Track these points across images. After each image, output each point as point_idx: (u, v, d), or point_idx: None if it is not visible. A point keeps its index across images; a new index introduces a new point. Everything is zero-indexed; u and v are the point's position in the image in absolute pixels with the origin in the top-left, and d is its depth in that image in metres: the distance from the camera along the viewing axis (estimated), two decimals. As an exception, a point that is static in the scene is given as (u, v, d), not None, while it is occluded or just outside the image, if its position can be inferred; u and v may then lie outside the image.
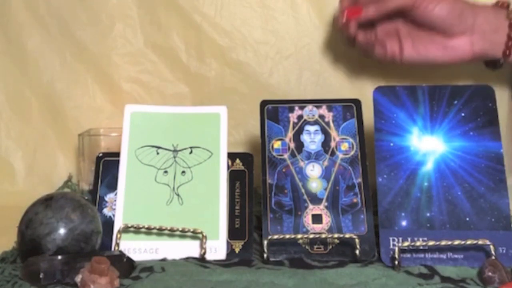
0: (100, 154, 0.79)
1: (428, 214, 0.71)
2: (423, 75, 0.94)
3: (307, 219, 0.74)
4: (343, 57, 0.96)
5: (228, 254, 0.72)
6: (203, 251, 0.71)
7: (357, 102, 0.79)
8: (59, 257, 0.64)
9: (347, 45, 0.88)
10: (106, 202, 0.77)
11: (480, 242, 0.68)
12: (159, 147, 0.77)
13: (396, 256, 0.67)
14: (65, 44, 0.97)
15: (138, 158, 0.77)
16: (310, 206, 0.74)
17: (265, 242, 0.71)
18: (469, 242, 0.68)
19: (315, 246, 0.72)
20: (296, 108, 0.79)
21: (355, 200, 0.75)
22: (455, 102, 0.75)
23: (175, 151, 0.77)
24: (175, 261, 0.70)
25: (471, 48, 0.81)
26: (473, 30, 0.80)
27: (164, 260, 0.70)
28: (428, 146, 0.74)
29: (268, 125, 0.79)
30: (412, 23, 0.83)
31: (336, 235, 0.72)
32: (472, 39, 0.80)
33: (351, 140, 0.78)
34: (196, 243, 0.72)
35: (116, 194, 0.75)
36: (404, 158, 0.73)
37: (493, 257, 0.67)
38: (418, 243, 0.68)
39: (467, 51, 0.81)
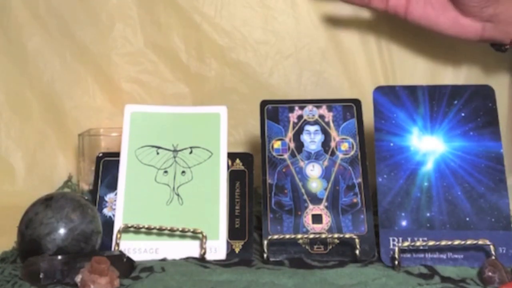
0: (100, 154, 0.79)
1: (428, 214, 0.71)
2: (423, 75, 0.94)
3: (307, 219, 0.74)
4: (343, 57, 0.96)
5: (228, 254, 0.72)
6: (203, 251, 0.71)
7: (357, 102, 0.79)
8: (59, 257, 0.64)
9: None
10: (106, 202, 0.77)
11: (480, 242, 0.68)
12: (159, 147, 0.77)
13: (396, 256, 0.67)
14: (65, 44, 0.97)
15: (138, 158, 0.77)
16: (310, 206, 0.74)
17: (265, 242, 0.71)
18: (469, 242, 0.68)
19: (315, 246, 0.72)
20: (296, 108, 0.79)
21: (355, 200, 0.75)
22: (455, 102, 0.75)
23: (175, 151, 0.77)
24: (175, 261, 0.70)
25: (481, 33, 0.80)
26: (490, 18, 0.79)
27: (164, 260, 0.70)
28: (428, 146, 0.74)
29: (268, 125, 0.79)
30: None
31: (336, 235, 0.72)
32: (485, 25, 0.80)
33: (351, 140, 0.78)
34: (196, 243, 0.72)
35: (116, 194, 0.75)
36: (404, 158, 0.73)
37: (493, 257, 0.67)
38: (418, 243, 0.68)
39: (476, 34, 0.81)
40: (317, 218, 0.74)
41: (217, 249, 0.72)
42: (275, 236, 0.71)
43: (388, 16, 0.86)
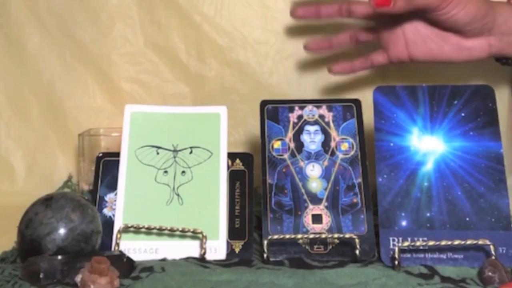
0: (100, 154, 0.79)
1: (428, 214, 0.71)
2: (423, 75, 0.94)
3: (307, 219, 0.74)
4: (343, 57, 0.96)
5: (228, 254, 0.72)
6: (203, 251, 0.71)
7: (357, 102, 0.79)
8: (59, 257, 0.64)
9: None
10: (106, 202, 0.77)
11: (480, 242, 0.68)
12: (159, 147, 0.77)
13: (396, 256, 0.67)
14: (65, 44, 0.97)
15: (138, 158, 0.77)
16: (310, 206, 0.74)
17: (265, 242, 0.71)
18: (469, 242, 0.68)
19: (315, 246, 0.72)
20: (296, 108, 0.79)
21: (355, 200, 0.75)
22: (455, 102, 0.75)
23: (175, 151, 0.77)
24: (175, 261, 0.70)
25: (488, 49, 0.80)
26: (491, 32, 0.79)
27: (164, 260, 0.70)
28: (428, 146, 0.74)
29: (268, 125, 0.79)
30: (423, 23, 0.81)
31: (336, 235, 0.72)
32: (490, 40, 0.79)
33: (351, 140, 0.78)
34: (196, 243, 0.72)
35: (116, 194, 0.75)
36: (404, 158, 0.73)
37: (493, 257, 0.67)
38: (418, 243, 0.68)
39: (484, 52, 0.80)
40: (317, 218, 0.74)
41: (217, 249, 0.72)
42: (275, 236, 0.71)
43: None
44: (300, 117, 0.79)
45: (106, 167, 0.78)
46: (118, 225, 0.73)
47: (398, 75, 0.95)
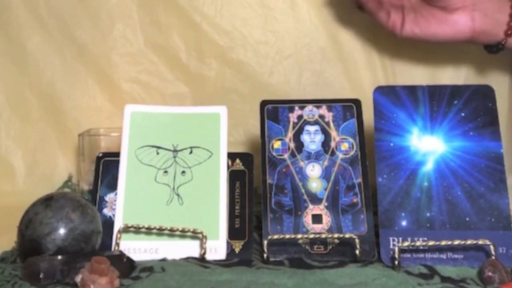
0: (100, 154, 0.79)
1: (428, 214, 0.71)
2: (423, 75, 0.94)
3: (307, 219, 0.74)
4: (343, 57, 0.96)
5: (228, 254, 0.72)
6: (203, 251, 0.71)
7: (357, 102, 0.79)
8: (59, 257, 0.64)
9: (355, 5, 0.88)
10: (106, 202, 0.77)
11: (480, 242, 0.68)
12: (159, 147, 0.77)
13: (396, 256, 0.67)
14: (65, 44, 0.97)
15: (138, 158, 0.77)
16: (310, 206, 0.74)
17: (265, 242, 0.71)
18: (469, 242, 0.68)
19: (315, 246, 0.72)
20: (296, 108, 0.79)
21: (355, 200, 0.75)
22: (455, 102, 0.75)
23: (175, 151, 0.77)
24: (175, 261, 0.70)
25: (472, 24, 0.80)
26: (475, 6, 0.79)
27: (164, 260, 0.71)
28: (428, 146, 0.74)
29: (268, 125, 0.79)
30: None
31: (336, 235, 0.72)
32: (473, 15, 0.80)
33: (351, 140, 0.78)
34: (196, 243, 0.72)
35: (116, 194, 0.75)
36: (404, 158, 0.73)
37: (493, 257, 0.67)
38: (418, 243, 0.68)
39: (467, 27, 0.80)
40: (317, 218, 0.74)
41: (217, 249, 0.72)
42: (275, 236, 0.71)
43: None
44: (300, 117, 0.79)
45: (106, 167, 0.78)
46: (118, 225, 0.73)
47: (398, 74, 0.95)
